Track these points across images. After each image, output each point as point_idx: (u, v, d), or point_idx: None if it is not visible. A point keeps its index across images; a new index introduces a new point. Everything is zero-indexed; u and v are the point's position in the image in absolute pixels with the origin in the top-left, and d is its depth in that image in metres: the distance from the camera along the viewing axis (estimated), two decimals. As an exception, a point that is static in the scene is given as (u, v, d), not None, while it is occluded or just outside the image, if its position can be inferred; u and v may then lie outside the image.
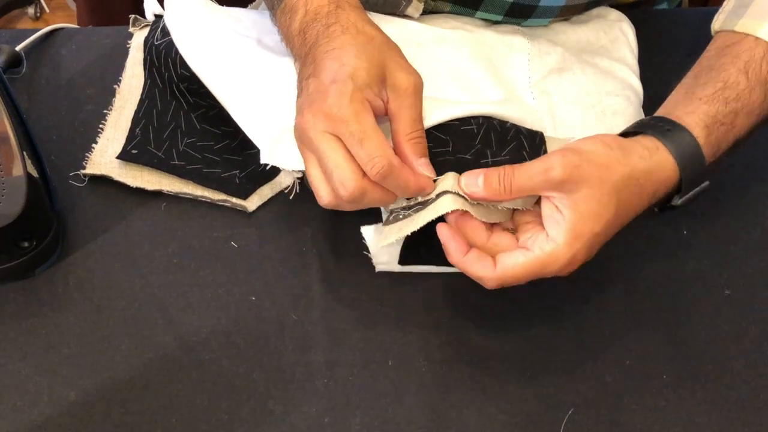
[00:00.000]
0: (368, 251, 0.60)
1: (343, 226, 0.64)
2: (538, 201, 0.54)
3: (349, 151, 0.51)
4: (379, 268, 0.61)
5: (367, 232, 0.60)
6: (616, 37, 0.70)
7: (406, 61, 0.55)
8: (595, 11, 0.71)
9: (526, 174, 0.52)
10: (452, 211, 0.53)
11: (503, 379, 0.57)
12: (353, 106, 0.51)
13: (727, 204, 0.66)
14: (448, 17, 0.68)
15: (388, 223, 0.56)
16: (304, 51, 0.56)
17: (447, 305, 0.61)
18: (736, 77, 0.56)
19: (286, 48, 0.60)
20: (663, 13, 0.81)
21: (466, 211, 0.53)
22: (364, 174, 0.51)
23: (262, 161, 0.58)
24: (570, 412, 0.56)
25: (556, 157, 0.51)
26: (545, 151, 0.60)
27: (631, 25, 0.71)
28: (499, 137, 0.59)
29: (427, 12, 0.68)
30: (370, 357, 0.58)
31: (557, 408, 0.56)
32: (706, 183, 0.56)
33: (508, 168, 0.52)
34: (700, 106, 0.55)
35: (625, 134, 0.56)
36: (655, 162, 0.53)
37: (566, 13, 0.68)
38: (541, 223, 0.53)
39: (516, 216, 0.55)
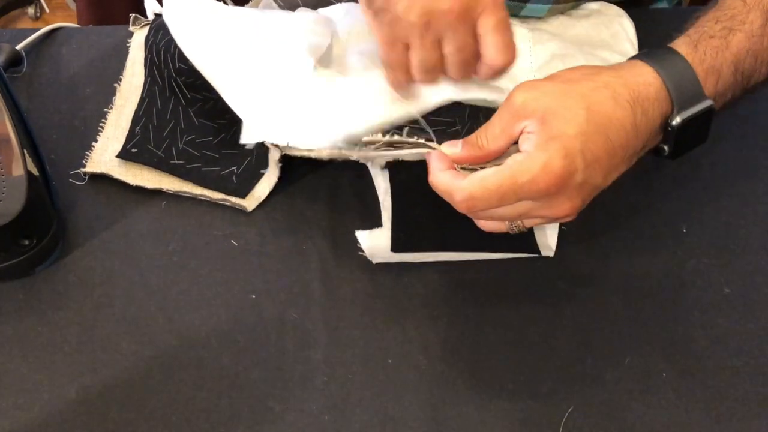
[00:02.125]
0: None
1: (343, 225, 0.64)
2: None
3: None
4: (375, 260, 0.61)
5: (362, 236, 0.60)
6: (617, 31, 0.70)
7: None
8: (595, 6, 0.71)
9: (494, 117, 0.51)
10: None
11: (502, 378, 0.57)
12: None
13: (726, 203, 0.66)
14: None
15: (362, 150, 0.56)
16: None
17: (446, 304, 0.61)
18: (732, 2, 0.53)
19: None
20: (663, 12, 0.82)
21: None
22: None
23: (242, 141, 0.59)
24: (569, 410, 0.56)
25: (517, 86, 0.50)
26: None
27: (631, 20, 0.72)
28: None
29: None
30: (369, 355, 0.58)
31: (556, 407, 0.56)
32: (710, 103, 0.51)
33: (485, 125, 0.52)
34: (688, 29, 0.53)
35: None
36: (626, 69, 0.51)
37: (562, 0, 0.67)
38: None
39: None
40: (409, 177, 0.60)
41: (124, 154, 0.65)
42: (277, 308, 0.60)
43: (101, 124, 0.68)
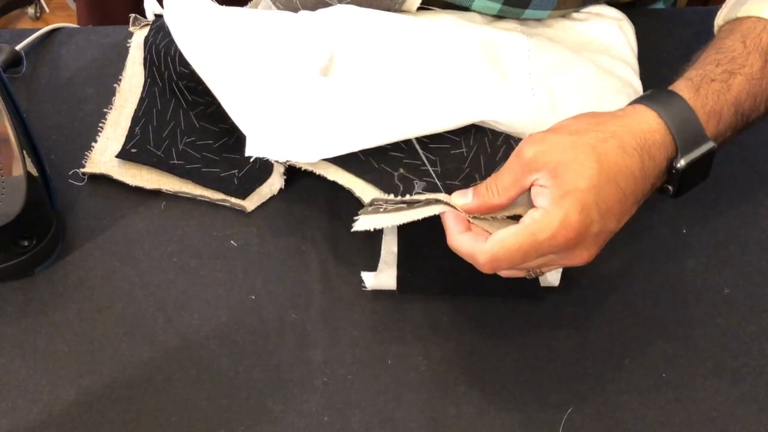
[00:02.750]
0: (368, 249, 0.60)
1: (343, 226, 0.64)
2: None
3: None
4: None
5: (368, 277, 0.60)
6: (616, 35, 0.70)
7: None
8: (595, 9, 0.71)
9: (504, 168, 0.52)
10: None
11: (502, 378, 0.57)
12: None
13: (726, 203, 0.66)
14: (445, 13, 0.68)
15: (367, 212, 0.55)
16: None
17: (446, 304, 0.61)
18: (732, 44, 0.54)
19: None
20: (662, 12, 0.81)
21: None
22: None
23: (248, 153, 0.58)
24: (569, 411, 0.56)
25: (525, 140, 0.52)
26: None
27: (631, 24, 0.71)
28: (487, 159, 0.60)
29: (426, 3, 0.67)
30: (369, 356, 0.58)
31: (556, 407, 0.56)
32: (712, 145, 0.53)
33: (493, 175, 0.53)
34: (688, 72, 0.54)
35: None
36: (631, 117, 0.52)
37: (564, 5, 0.67)
38: None
39: None
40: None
41: (124, 155, 0.65)
42: (277, 309, 0.60)
43: (101, 125, 0.68)
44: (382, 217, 0.54)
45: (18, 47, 0.73)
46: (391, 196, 0.54)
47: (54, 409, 0.56)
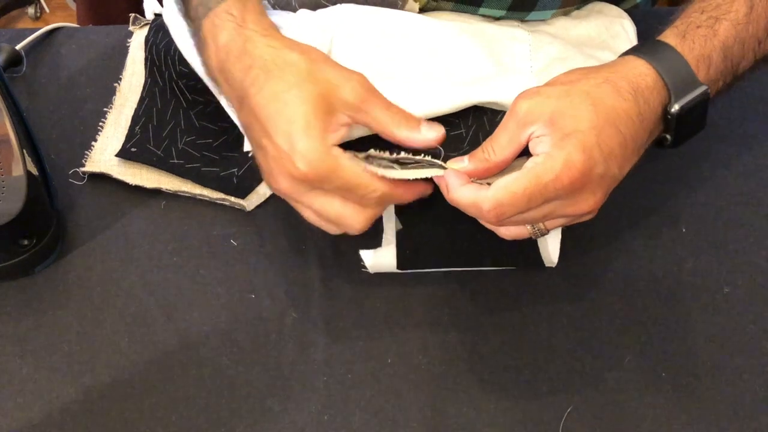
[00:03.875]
0: (368, 248, 0.60)
1: (343, 225, 0.64)
2: None
3: (341, 196, 0.51)
4: (374, 271, 0.61)
5: (367, 255, 0.60)
6: (617, 32, 0.70)
7: (339, 67, 0.51)
8: (596, 7, 0.71)
9: (499, 128, 0.51)
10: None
11: (502, 377, 0.57)
12: (325, 164, 0.49)
13: (725, 202, 0.66)
14: (448, 14, 0.68)
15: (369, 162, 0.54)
16: (233, 95, 0.53)
17: (446, 304, 0.61)
18: None
19: (211, 84, 0.58)
20: (662, 11, 0.82)
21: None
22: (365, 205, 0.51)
23: (246, 149, 0.58)
24: (569, 410, 0.56)
25: (518, 96, 0.51)
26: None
27: (632, 21, 0.71)
28: (486, 136, 0.59)
29: (428, 10, 0.68)
30: (369, 355, 0.58)
31: (556, 406, 0.56)
32: (705, 88, 0.52)
33: (490, 137, 0.52)
34: (674, 22, 0.54)
35: None
36: (621, 65, 0.52)
37: (568, 4, 0.68)
38: None
39: None
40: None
41: (124, 154, 0.65)
42: (277, 308, 0.60)
43: (101, 124, 0.68)
44: (374, 169, 0.53)
45: (18, 47, 0.73)
46: (387, 154, 0.53)
47: (54, 409, 0.56)
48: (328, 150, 0.49)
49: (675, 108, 0.52)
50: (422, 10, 0.67)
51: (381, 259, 0.60)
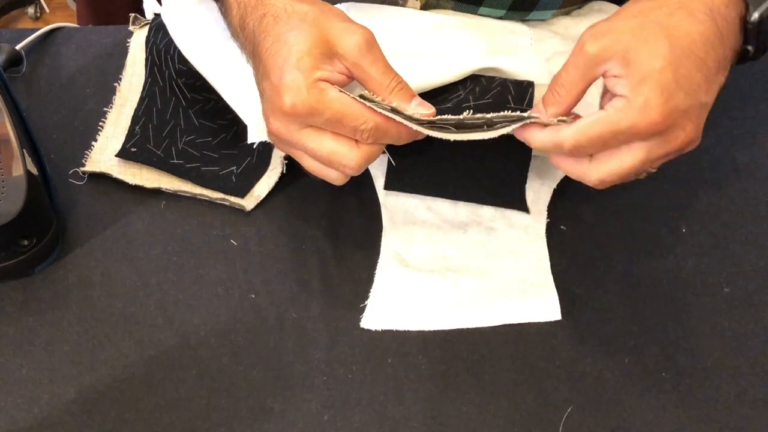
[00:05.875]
0: (368, 248, 0.61)
1: (343, 224, 0.64)
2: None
3: (333, 131, 0.50)
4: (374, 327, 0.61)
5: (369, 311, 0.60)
6: None
7: (349, 21, 0.52)
8: (596, 6, 0.71)
9: (567, 66, 0.50)
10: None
11: (502, 377, 0.57)
12: (313, 96, 0.49)
13: (726, 202, 0.66)
14: (449, 13, 0.68)
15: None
16: (249, 49, 0.54)
17: (446, 303, 0.61)
18: None
19: (237, 46, 0.58)
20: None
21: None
22: (359, 141, 0.51)
23: (250, 140, 0.58)
24: (569, 410, 0.56)
25: (586, 32, 0.50)
26: (532, 93, 0.60)
27: None
28: (483, 88, 0.59)
29: (429, 8, 0.68)
30: (369, 355, 0.58)
31: (556, 406, 0.56)
32: None
33: (553, 78, 0.51)
34: None
35: None
36: None
37: (568, 4, 0.68)
38: None
39: None
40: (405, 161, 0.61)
41: (124, 154, 0.65)
42: (277, 308, 0.60)
43: (101, 124, 0.68)
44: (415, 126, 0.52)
45: (18, 47, 0.73)
46: (379, 99, 0.51)
47: (54, 409, 0.56)
48: (313, 81, 0.49)
49: (754, 17, 0.51)
50: (423, 9, 0.67)
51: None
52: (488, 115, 0.50)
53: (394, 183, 0.62)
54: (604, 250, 0.63)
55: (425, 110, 0.52)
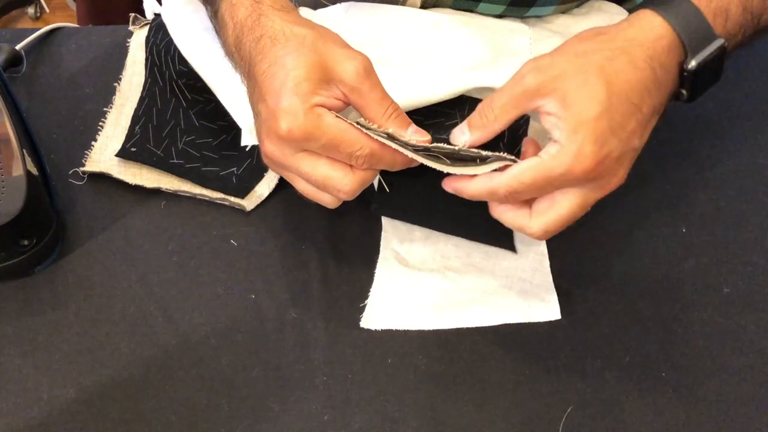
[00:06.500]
0: (368, 248, 0.61)
1: (343, 225, 0.64)
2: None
3: (329, 156, 0.50)
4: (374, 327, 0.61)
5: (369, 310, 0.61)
6: None
7: (347, 47, 0.52)
8: (596, 5, 0.71)
9: (504, 93, 0.51)
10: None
11: (502, 377, 0.57)
12: (310, 121, 0.49)
13: (725, 202, 0.66)
14: (448, 11, 0.68)
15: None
16: (244, 69, 0.54)
17: (446, 303, 0.61)
18: None
19: (230, 63, 0.58)
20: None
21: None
22: (353, 166, 0.51)
23: (243, 143, 0.58)
24: (569, 410, 0.56)
25: (528, 64, 0.50)
26: (527, 127, 0.60)
27: None
28: None
29: (428, 7, 0.68)
30: (369, 355, 0.58)
31: (556, 406, 0.56)
32: (722, 42, 0.52)
33: (485, 100, 0.51)
34: None
35: None
36: (638, 27, 0.51)
37: (568, 0, 0.68)
38: None
39: None
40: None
41: (124, 153, 0.65)
42: (277, 308, 0.60)
43: (101, 124, 0.68)
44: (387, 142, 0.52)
45: (18, 47, 0.73)
46: (375, 126, 0.52)
47: (54, 409, 0.56)
48: (311, 107, 0.49)
49: (692, 65, 0.51)
50: (422, 8, 0.67)
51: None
52: (483, 153, 0.51)
53: (382, 208, 0.62)
54: (604, 250, 0.63)
55: (421, 137, 0.52)
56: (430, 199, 0.60)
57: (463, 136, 0.52)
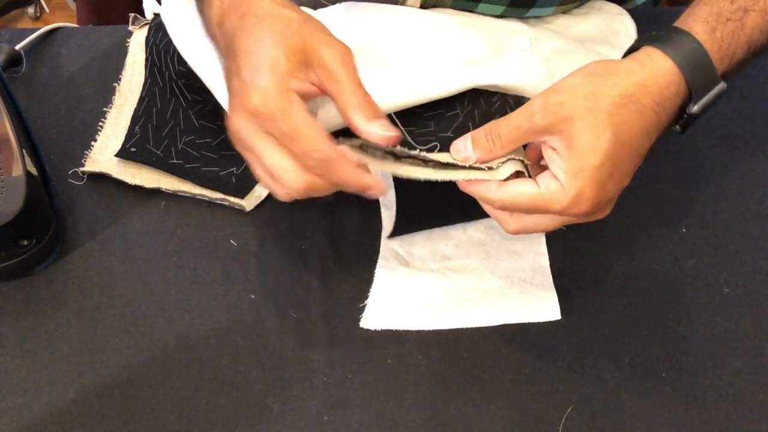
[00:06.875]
0: (368, 248, 0.61)
1: (343, 225, 0.64)
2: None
3: (286, 147, 0.49)
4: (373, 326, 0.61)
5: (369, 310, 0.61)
6: (617, 29, 0.70)
7: (330, 35, 0.51)
8: (596, 5, 0.71)
9: (512, 125, 0.51)
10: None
11: (502, 377, 0.57)
12: (278, 102, 0.48)
13: (725, 203, 0.66)
14: (448, 11, 0.68)
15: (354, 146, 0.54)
16: (224, 44, 0.54)
17: (446, 304, 0.61)
18: None
19: (210, 41, 0.58)
20: (662, 12, 0.82)
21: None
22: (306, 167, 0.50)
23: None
24: (569, 409, 0.56)
25: (538, 100, 0.50)
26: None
27: (632, 19, 0.71)
28: (482, 111, 0.59)
29: (427, 7, 0.68)
30: (368, 355, 0.58)
31: (556, 406, 0.56)
32: (723, 85, 0.52)
33: (493, 123, 0.52)
34: (701, 8, 0.53)
35: (625, 55, 0.54)
36: (648, 71, 0.51)
37: (567, 1, 0.67)
38: None
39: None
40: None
41: (123, 153, 0.65)
42: (277, 308, 0.60)
43: (100, 124, 0.68)
44: (367, 159, 0.53)
45: (18, 47, 0.73)
46: (380, 153, 0.52)
47: (54, 409, 0.56)
48: (286, 90, 0.49)
49: (694, 109, 0.52)
50: (422, 8, 0.67)
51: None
52: (413, 152, 0.52)
53: (399, 231, 0.63)
54: (604, 250, 0.63)
55: (386, 133, 0.50)
56: (438, 207, 0.60)
57: (465, 152, 0.53)
